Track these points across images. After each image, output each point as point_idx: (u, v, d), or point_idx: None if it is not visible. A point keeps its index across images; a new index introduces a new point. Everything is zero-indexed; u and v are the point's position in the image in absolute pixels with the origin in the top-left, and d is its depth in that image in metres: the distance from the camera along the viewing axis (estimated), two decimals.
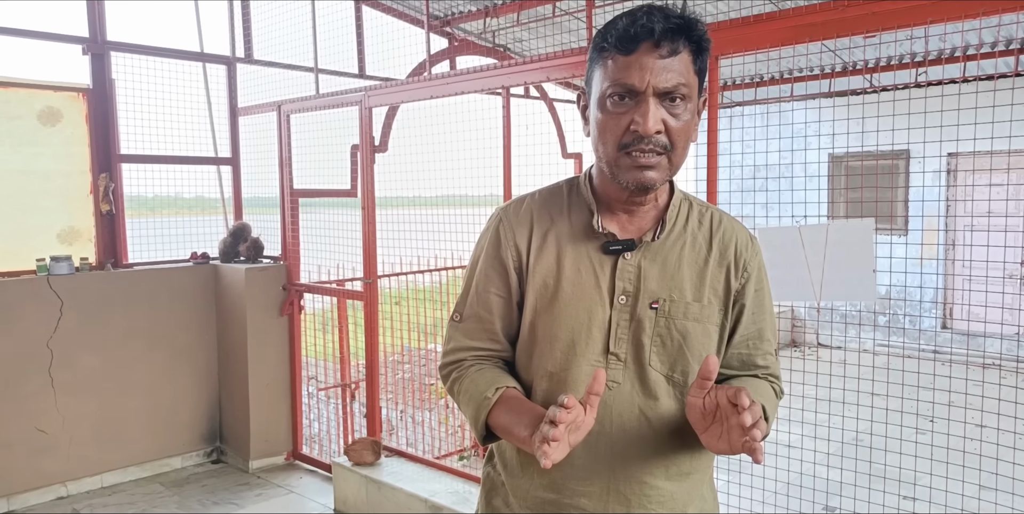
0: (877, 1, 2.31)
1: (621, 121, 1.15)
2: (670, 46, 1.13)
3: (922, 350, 6.86)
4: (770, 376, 1.33)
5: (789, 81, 5.92)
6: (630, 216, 1.27)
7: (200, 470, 4.48)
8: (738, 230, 1.31)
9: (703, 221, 1.29)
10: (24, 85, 4.02)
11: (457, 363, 1.32)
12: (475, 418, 1.24)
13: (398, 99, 3.85)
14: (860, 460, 2.90)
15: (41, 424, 3.96)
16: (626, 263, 1.24)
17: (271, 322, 4.48)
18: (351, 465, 3.75)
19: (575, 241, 1.26)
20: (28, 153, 4.05)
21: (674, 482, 1.24)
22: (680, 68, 1.14)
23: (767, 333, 1.31)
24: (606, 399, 1.21)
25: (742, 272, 1.28)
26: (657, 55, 1.12)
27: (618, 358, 1.22)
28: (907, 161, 7.17)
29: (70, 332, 4.03)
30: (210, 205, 4.93)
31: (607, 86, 1.15)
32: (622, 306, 1.23)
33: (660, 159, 1.16)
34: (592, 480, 1.22)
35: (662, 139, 1.15)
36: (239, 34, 4.86)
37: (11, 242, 3.98)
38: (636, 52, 1.13)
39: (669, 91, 1.13)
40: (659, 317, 1.22)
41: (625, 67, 1.13)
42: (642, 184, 1.17)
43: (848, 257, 2.50)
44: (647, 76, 1.12)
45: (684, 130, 1.17)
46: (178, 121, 4.60)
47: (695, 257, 1.26)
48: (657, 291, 1.23)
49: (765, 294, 1.31)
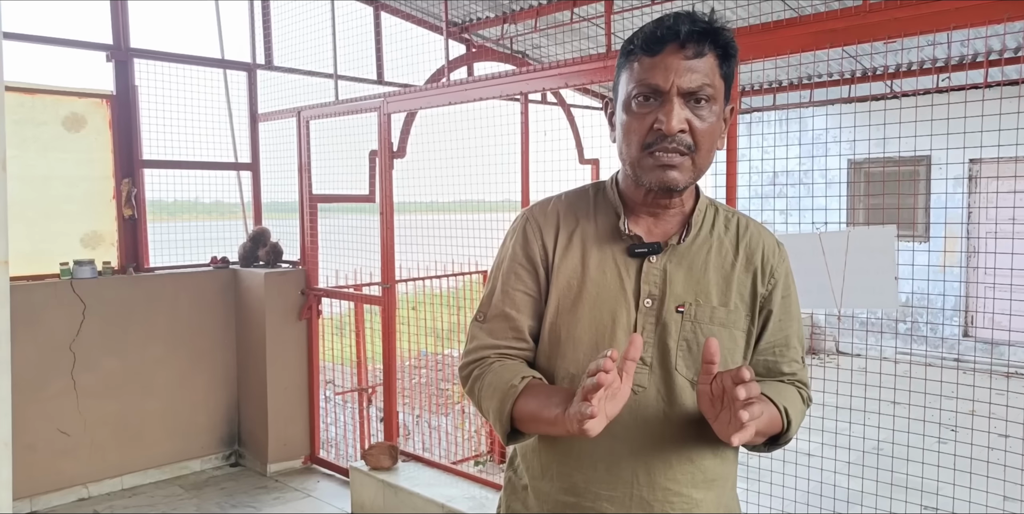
0: (900, 7, 2.30)
1: (645, 121, 1.16)
2: (695, 48, 1.14)
3: (944, 358, 6.78)
4: (797, 382, 1.31)
5: (809, 87, 5.89)
6: (656, 220, 1.27)
7: (219, 473, 4.51)
8: (765, 236, 1.30)
9: (729, 226, 1.29)
10: (50, 91, 4.08)
11: (479, 361, 1.29)
12: (500, 410, 1.20)
13: (417, 105, 3.87)
14: (881, 469, 2.87)
15: (63, 426, 4.00)
16: (651, 266, 1.23)
17: (289, 326, 4.51)
18: (368, 469, 3.76)
19: (600, 243, 1.26)
20: (53, 158, 4.10)
21: (700, 489, 1.23)
22: (705, 70, 1.15)
23: (793, 340, 1.30)
24: (630, 403, 1.19)
25: (769, 278, 1.26)
26: (682, 56, 1.14)
27: (643, 362, 1.21)
28: (928, 167, 7.11)
29: (92, 335, 4.07)
30: (228, 210, 4.97)
31: (632, 87, 1.17)
32: (648, 309, 1.22)
33: (683, 159, 1.16)
34: (615, 485, 1.21)
35: (686, 139, 1.15)
36: (259, 41, 4.91)
37: (36, 246, 4.03)
38: (661, 53, 1.14)
39: (694, 91, 1.14)
40: (685, 321, 1.21)
41: (650, 67, 1.15)
42: (665, 184, 1.17)
43: (869, 264, 2.48)
44: (671, 76, 1.13)
45: (709, 132, 1.17)
46: (199, 127, 4.65)
47: (721, 261, 1.25)
48: (683, 295, 1.22)
49: (792, 301, 1.30)
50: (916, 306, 7.21)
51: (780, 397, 1.23)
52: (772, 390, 1.24)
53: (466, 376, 1.31)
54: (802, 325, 1.34)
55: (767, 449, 1.28)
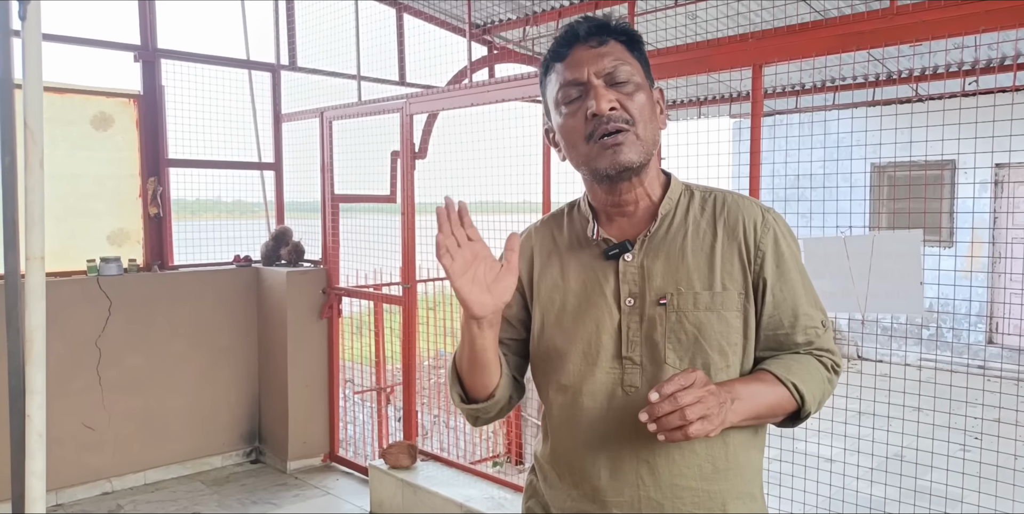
0: (928, 9, 2.28)
1: (578, 115, 1.20)
2: (598, 38, 1.21)
3: (968, 365, 6.69)
4: (815, 350, 1.24)
5: (833, 89, 5.84)
6: (628, 219, 1.27)
7: (239, 470, 4.55)
8: (745, 207, 1.25)
9: (706, 207, 1.26)
10: (78, 91, 4.15)
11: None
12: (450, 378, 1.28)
13: (439, 106, 3.88)
14: (904, 476, 2.85)
15: (89, 421, 4.06)
16: (628, 265, 1.24)
17: (310, 325, 4.54)
18: (387, 468, 3.78)
19: (577, 253, 1.29)
20: (81, 157, 4.17)
21: (709, 481, 1.20)
22: (615, 53, 1.21)
23: (802, 308, 1.23)
24: (625, 405, 1.20)
25: (756, 250, 1.22)
26: (587, 47, 1.21)
27: (633, 362, 1.21)
28: (953, 172, 7.03)
29: (118, 331, 4.13)
30: (249, 209, 5.02)
31: (557, 90, 1.23)
32: (630, 308, 1.22)
33: (626, 136, 1.18)
34: (621, 489, 1.21)
35: (621, 114, 1.18)
36: (284, 42, 4.96)
37: (63, 243, 4.10)
38: (570, 53, 1.22)
39: (611, 72, 1.19)
40: (669, 313, 1.20)
41: (565, 68, 1.22)
42: (620, 165, 1.18)
43: (894, 269, 2.46)
44: (584, 66, 1.19)
45: (641, 105, 1.20)
46: (224, 127, 4.70)
47: (699, 244, 1.22)
48: (663, 287, 1.21)
49: (789, 267, 1.23)
50: (940, 312, 7.13)
51: (788, 371, 1.18)
52: (779, 365, 1.19)
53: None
54: (813, 290, 1.27)
55: (792, 424, 1.24)
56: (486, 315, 1.14)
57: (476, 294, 1.12)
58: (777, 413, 1.18)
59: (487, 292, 1.13)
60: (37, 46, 1.01)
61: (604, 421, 1.21)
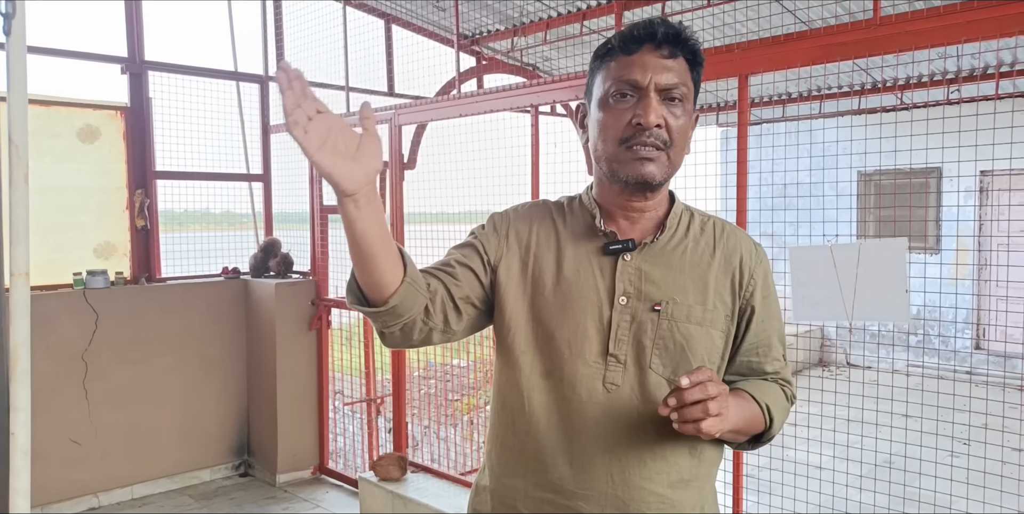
0: (910, 20, 2.30)
1: (623, 116, 1.19)
2: (670, 49, 1.20)
3: (955, 371, 6.74)
4: (780, 380, 1.32)
5: (819, 98, 5.89)
6: (631, 223, 1.28)
7: (228, 483, 4.51)
8: (742, 238, 1.32)
9: (705, 228, 1.31)
10: (65, 103, 4.13)
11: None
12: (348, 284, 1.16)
13: (427, 117, 3.89)
14: (893, 483, 2.86)
15: (75, 435, 4.02)
16: (626, 265, 1.24)
17: (299, 337, 4.52)
18: (377, 480, 3.76)
19: (576, 242, 1.28)
20: (67, 169, 4.15)
21: (675, 489, 1.22)
22: (679, 70, 1.20)
23: (774, 340, 1.31)
24: (604, 401, 1.21)
25: (748, 280, 1.28)
26: (659, 54, 1.19)
27: (617, 360, 1.22)
28: (939, 179, 7.09)
29: (104, 345, 4.10)
30: (238, 220, 5.00)
31: (610, 84, 1.21)
32: (623, 307, 1.23)
33: (660, 154, 1.19)
34: (590, 484, 1.21)
35: (663, 134, 1.19)
36: (272, 53, 4.96)
37: (49, 256, 4.07)
38: (639, 51, 1.20)
39: (669, 89, 1.19)
40: (662, 319, 1.22)
41: (628, 65, 1.19)
42: (642, 177, 1.19)
43: (880, 277, 2.47)
44: (649, 72, 1.18)
45: (682, 129, 1.21)
46: (212, 138, 4.69)
47: (697, 261, 1.26)
48: (659, 293, 1.23)
49: (772, 301, 1.31)
50: (927, 318, 7.17)
51: (762, 394, 1.24)
52: (754, 387, 1.25)
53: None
54: (783, 323, 1.35)
55: (751, 446, 1.29)
56: (360, 188, 1.01)
57: (341, 166, 0.98)
58: (749, 431, 1.23)
59: (353, 161, 1.00)
60: (22, 60, 1.01)
61: (581, 414, 1.21)
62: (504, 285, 1.28)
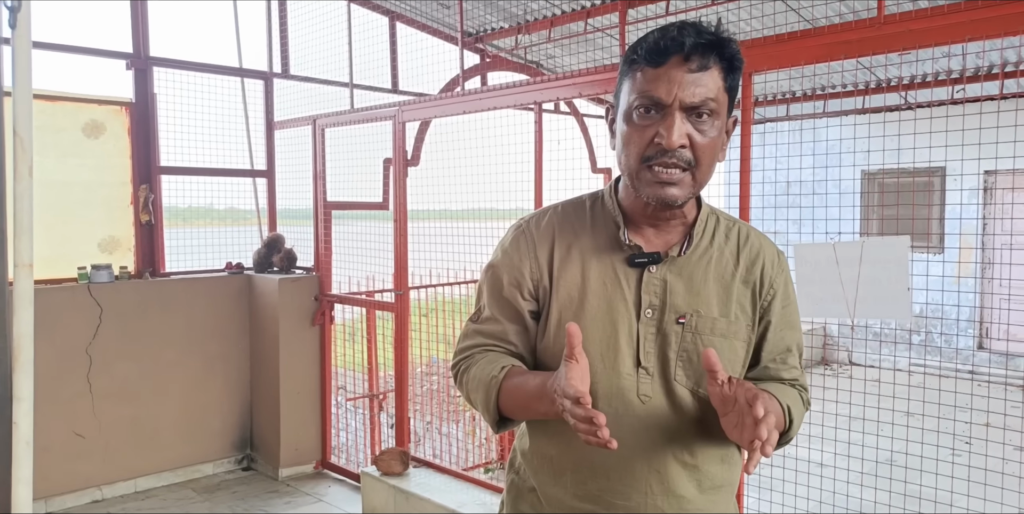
0: (915, 19, 2.30)
1: (646, 133, 1.14)
2: (700, 60, 1.11)
3: (958, 370, 6.72)
4: (797, 385, 1.33)
5: (823, 97, 5.88)
6: (656, 230, 1.26)
7: (231, 477, 4.53)
8: (765, 246, 1.30)
9: (730, 236, 1.28)
10: (70, 99, 4.15)
11: (467, 357, 1.31)
12: (486, 402, 1.23)
13: (431, 114, 3.90)
14: (895, 481, 2.86)
15: (79, 428, 4.04)
16: (652, 276, 1.23)
17: (303, 332, 4.54)
18: (379, 475, 3.77)
19: (600, 254, 1.26)
20: (72, 164, 4.16)
21: (707, 495, 1.25)
22: (709, 83, 1.13)
23: (794, 348, 1.32)
24: (639, 413, 1.21)
25: (768, 289, 1.27)
26: (686, 69, 1.11)
27: (647, 372, 1.22)
28: (943, 178, 7.08)
29: (108, 339, 4.11)
30: (241, 216, 5.02)
31: (634, 98, 1.15)
32: (648, 319, 1.22)
33: (683, 175, 1.15)
34: (629, 494, 1.22)
35: (686, 154, 1.14)
36: (276, 50, 4.97)
37: (54, 250, 4.09)
38: (665, 65, 1.12)
39: (696, 106, 1.12)
40: (686, 332, 1.22)
41: (653, 79, 1.13)
42: (663, 200, 1.16)
43: (883, 275, 2.48)
44: (675, 89, 1.11)
45: (710, 146, 1.15)
46: (216, 134, 4.70)
47: (721, 272, 1.25)
48: (683, 306, 1.22)
49: (792, 310, 1.31)
50: (930, 317, 7.16)
51: (783, 395, 1.25)
52: (775, 389, 1.26)
53: (456, 372, 1.33)
54: (801, 332, 1.35)
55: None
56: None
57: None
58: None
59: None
60: (27, 54, 1.01)
61: (618, 426, 1.20)
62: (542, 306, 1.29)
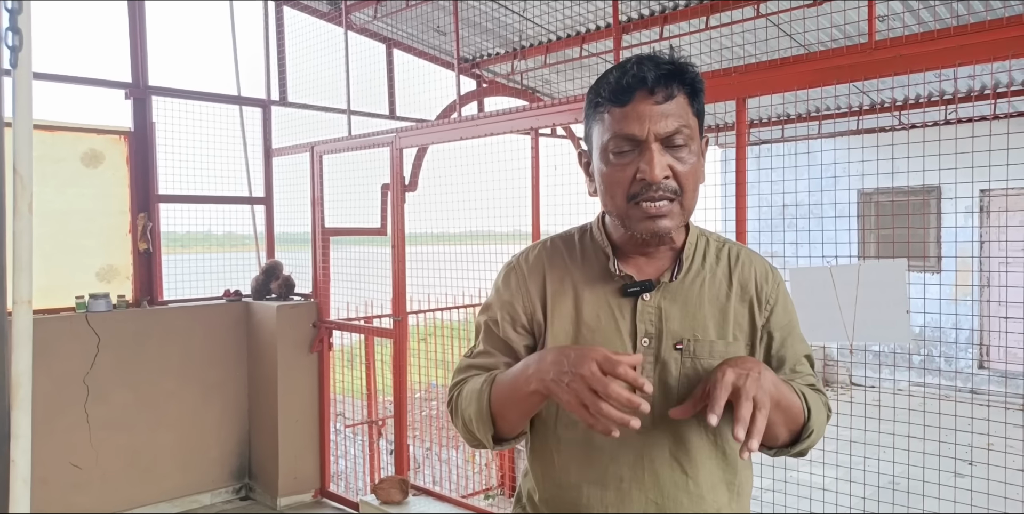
0: (905, 44, 2.33)
1: (627, 172, 1.15)
2: (664, 91, 1.13)
3: (958, 391, 6.70)
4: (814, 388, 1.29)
5: (817, 119, 5.93)
6: (647, 258, 1.26)
7: (229, 507, 4.48)
8: (756, 262, 1.30)
9: (721, 257, 1.28)
10: (69, 128, 4.17)
11: (457, 384, 1.30)
12: (479, 410, 1.20)
13: (428, 140, 3.92)
14: (897, 504, 2.83)
15: (76, 459, 4.00)
16: (646, 305, 1.23)
17: (301, 359, 4.52)
18: (379, 503, 3.73)
19: (592, 286, 1.26)
20: (71, 194, 4.17)
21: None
22: (678, 111, 1.14)
23: (803, 359, 1.29)
24: (635, 444, 1.21)
25: (765, 305, 1.26)
26: (653, 102, 1.13)
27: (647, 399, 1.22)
28: (939, 199, 7.11)
29: (106, 368, 4.09)
30: (239, 242, 5.02)
31: (608, 138, 1.15)
32: (645, 349, 1.22)
33: (672, 206, 1.16)
34: None
35: (671, 184, 1.15)
36: (274, 78, 5.01)
37: (52, 280, 4.08)
38: (631, 102, 1.13)
39: (670, 135, 1.13)
40: (684, 358, 1.21)
41: (623, 118, 1.13)
42: (656, 234, 1.17)
43: (881, 297, 2.48)
44: (646, 124, 1.12)
45: (691, 173, 1.17)
46: (214, 162, 4.72)
47: (716, 294, 1.25)
48: (680, 331, 1.22)
49: (793, 322, 1.30)
50: (929, 338, 7.15)
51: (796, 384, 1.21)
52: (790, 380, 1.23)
53: (449, 401, 1.31)
54: (807, 343, 1.33)
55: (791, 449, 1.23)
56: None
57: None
58: (791, 411, 1.17)
59: None
60: (27, 94, 1.02)
61: (615, 459, 1.20)
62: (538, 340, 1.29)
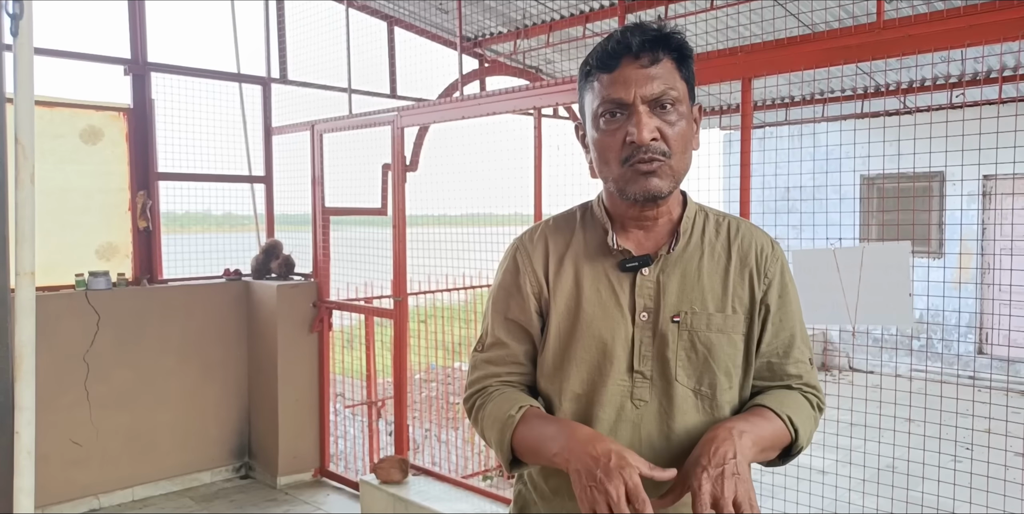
0: (914, 24, 2.30)
1: (617, 136, 1.17)
2: (650, 55, 1.16)
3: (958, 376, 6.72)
4: (805, 386, 1.29)
5: (822, 102, 5.89)
6: (646, 232, 1.27)
7: (229, 485, 4.51)
8: (757, 235, 1.30)
9: (720, 230, 1.29)
10: (68, 105, 4.14)
11: (481, 391, 1.31)
12: (500, 441, 1.23)
13: (430, 119, 3.89)
14: (896, 487, 2.85)
15: (76, 436, 4.02)
16: (644, 279, 1.24)
17: (301, 339, 4.52)
18: (378, 483, 3.75)
19: (592, 261, 1.27)
20: (70, 171, 4.15)
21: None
22: (664, 75, 1.17)
23: (797, 339, 1.28)
24: (634, 418, 1.21)
25: (763, 278, 1.26)
26: (638, 65, 1.16)
27: (644, 376, 1.22)
28: (942, 183, 7.09)
29: (106, 346, 4.10)
30: (239, 222, 5.00)
31: (597, 105, 1.19)
32: (644, 323, 1.23)
33: (662, 165, 1.17)
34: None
35: (660, 146, 1.17)
36: (274, 55, 4.96)
37: (51, 257, 4.07)
38: (618, 68, 1.16)
39: (657, 97, 1.16)
40: (682, 331, 1.22)
41: (610, 83, 1.17)
42: (649, 192, 1.18)
43: (883, 280, 2.47)
44: (632, 87, 1.15)
45: (681, 135, 1.19)
46: (214, 140, 4.69)
47: (715, 266, 1.25)
48: (678, 304, 1.22)
49: (791, 300, 1.29)
50: (930, 322, 7.16)
51: (782, 406, 1.22)
52: (774, 400, 1.23)
53: (470, 407, 1.33)
54: (805, 326, 1.32)
55: (781, 462, 1.27)
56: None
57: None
58: (776, 445, 1.21)
59: None
60: (29, 62, 1.01)
61: (613, 433, 1.21)
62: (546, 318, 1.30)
